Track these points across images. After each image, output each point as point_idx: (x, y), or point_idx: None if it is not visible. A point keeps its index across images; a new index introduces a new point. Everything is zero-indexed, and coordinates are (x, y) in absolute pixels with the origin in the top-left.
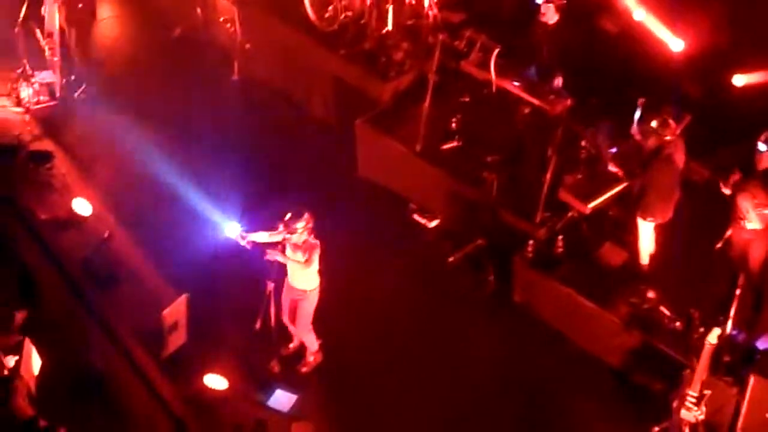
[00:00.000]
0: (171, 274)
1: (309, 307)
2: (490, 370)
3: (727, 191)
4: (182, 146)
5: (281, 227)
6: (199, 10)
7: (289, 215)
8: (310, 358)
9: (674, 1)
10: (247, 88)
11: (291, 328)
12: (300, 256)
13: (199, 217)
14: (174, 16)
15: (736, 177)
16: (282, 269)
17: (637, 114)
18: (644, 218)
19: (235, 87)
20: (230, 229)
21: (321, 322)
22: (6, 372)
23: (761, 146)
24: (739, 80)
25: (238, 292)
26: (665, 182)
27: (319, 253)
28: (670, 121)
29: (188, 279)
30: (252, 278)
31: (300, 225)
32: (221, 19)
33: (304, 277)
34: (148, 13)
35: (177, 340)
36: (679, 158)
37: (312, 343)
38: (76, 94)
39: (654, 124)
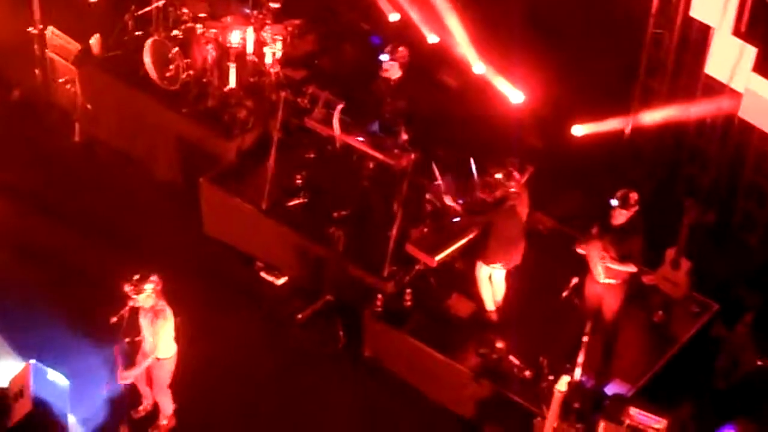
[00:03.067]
0: (17, 341)
1: (164, 374)
2: (343, 425)
3: (582, 246)
4: (24, 211)
5: (128, 288)
6: (37, 71)
7: (136, 277)
8: (164, 422)
9: (512, 54)
10: (89, 149)
11: (144, 390)
12: (150, 322)
13: (46, 284)
14: (12, 77)
15: (593, 230)
16: (131, 333)
17: (474, 168)
18: (487, 264)
19: (77, 149)
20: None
21: (172, 384)
22: None
23: (613, 202)
24: (578, 130)
25: (85, 357)
26: (507, 230)
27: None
28: (515, 173)
29: (34, 345)
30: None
31: (148, 286)
32: (61, 80)
33: (158, 344)
34: None
35: (23, 408)
36: (522, 209)
37: (167, 406)
38: None
39: (499, 176)
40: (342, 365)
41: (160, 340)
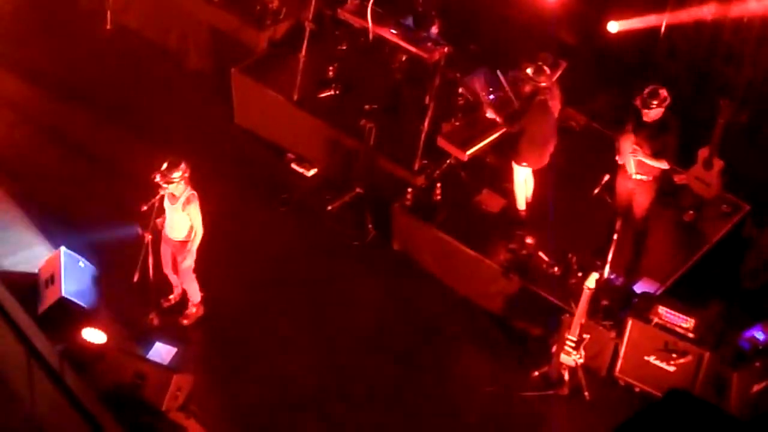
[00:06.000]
0: (47, 228)
1: (190, 257)
2: (371, 317)
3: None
4: (54, 96)
5: (158, 177)
6: None
7: (165, 165)
8: (192, 310)
9: None
10: (120, 38)
11: (172, 278)
12: (178, 206)
13: (75, 172)
14: None
15: (627, 125)
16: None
17: (502, 79)
18: (519, 164)
19: (108, 37)
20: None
21: (200, 273)
22: None
23: (638, 98)
24: (613, 27)
25: (114, 245)
26: (540, 128)
27: (198, 204)
28: (545, 68)
29: (64, 233)
30: (130, 230)
31: (176, 175)
32: None
33: (182, 227)
34: None
35: (53, 294)
36: (555, 105)
37: (195, 294)
38: None
39: (529, 70)
40: (370, 257)
41: (198, 223)
